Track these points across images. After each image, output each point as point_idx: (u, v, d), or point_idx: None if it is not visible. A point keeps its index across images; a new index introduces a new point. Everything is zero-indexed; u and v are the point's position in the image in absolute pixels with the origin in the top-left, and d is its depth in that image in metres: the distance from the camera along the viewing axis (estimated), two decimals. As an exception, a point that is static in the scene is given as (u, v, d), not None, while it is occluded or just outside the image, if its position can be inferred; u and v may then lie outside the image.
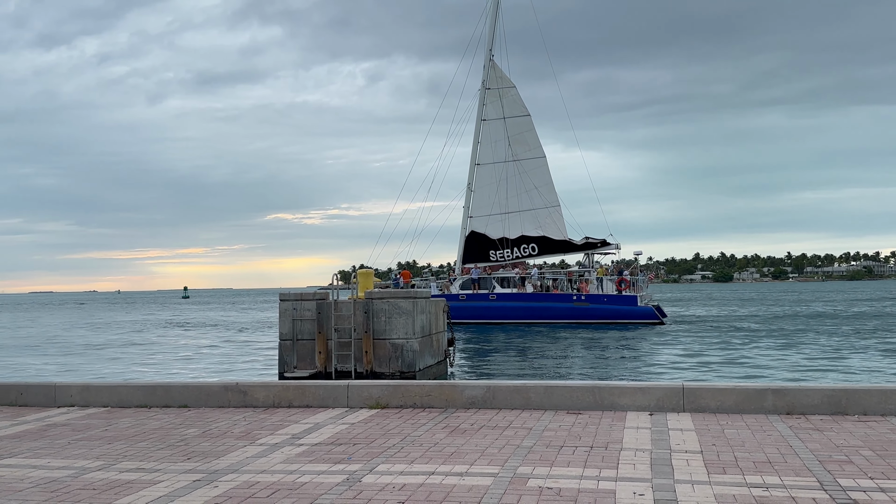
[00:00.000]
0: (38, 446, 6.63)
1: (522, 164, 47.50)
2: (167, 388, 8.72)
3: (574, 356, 28.57)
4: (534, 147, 48.23)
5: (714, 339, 33.73)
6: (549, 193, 47.57)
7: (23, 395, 8.89)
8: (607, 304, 44.09)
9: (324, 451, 6.17)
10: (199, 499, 4.90)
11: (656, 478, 5.20)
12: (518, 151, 47.62)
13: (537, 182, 47.35)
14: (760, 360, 25.80)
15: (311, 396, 8.31)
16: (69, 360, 32.01)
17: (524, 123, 48.45)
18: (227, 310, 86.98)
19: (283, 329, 20.53)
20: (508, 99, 48.55)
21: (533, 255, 47.63)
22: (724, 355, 27.24)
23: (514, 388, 7.96)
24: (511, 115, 48.33)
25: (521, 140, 47.98)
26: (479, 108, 48.90)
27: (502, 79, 48.97)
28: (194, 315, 76.54)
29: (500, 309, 42.31)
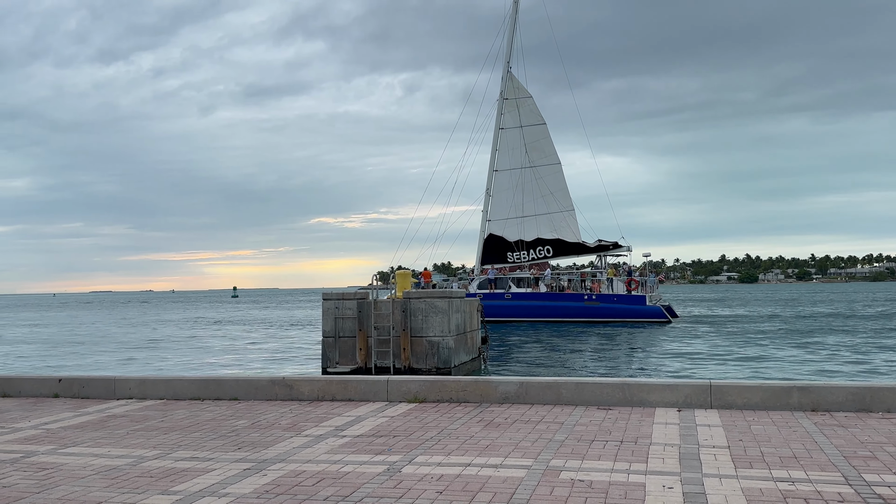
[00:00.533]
0: (99, 436, 6.73)
1: (538, 170, 47.91)
2: (219, 381, 8.80)
3: (592, 353, 28.74)
4: (549, 154, 48.58)
5: (718, 338, 33.53)
6: (563, 198, 47.96)
7: (85, 388, 9.03)
8: (617, 303, 44.34)
9: (365, 443, 6.18)
10: (250, 486, 4.93)
11: (685, 471, 5.13)
12: (534, 158, 48.04)
13: (552, 187, 47.73)
14: (759, 357, 25.72)
15: (353, 391, 8.34)
16: (129, 354, 32.54)
17: (540, 132, 48.79)
18: (273, 308, 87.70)
19: (325, 327, 20.66)
20: (525, 108, 48.97)
21: (548, 257, 47.87)
22: (725, 353, 27.34)
23: (546, 384, 7.91)
24: (528, 124, 48.69)
25: (537, 147, 48.35)
26: (497, 117, 49.26)
27: (519, 89, 49.34)
28: (243, 313, 77.36)
29: (515, 308, 42.41)
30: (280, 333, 43.52)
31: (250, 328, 49.67)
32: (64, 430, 7.05)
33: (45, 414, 7.91)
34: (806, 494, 4.60)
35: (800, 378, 19.76)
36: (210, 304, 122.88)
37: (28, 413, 8.00)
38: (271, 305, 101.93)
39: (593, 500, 4.48)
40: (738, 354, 26.96)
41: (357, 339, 20.23)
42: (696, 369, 22.99)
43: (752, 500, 4.49)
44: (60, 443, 6.45)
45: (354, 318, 20.33)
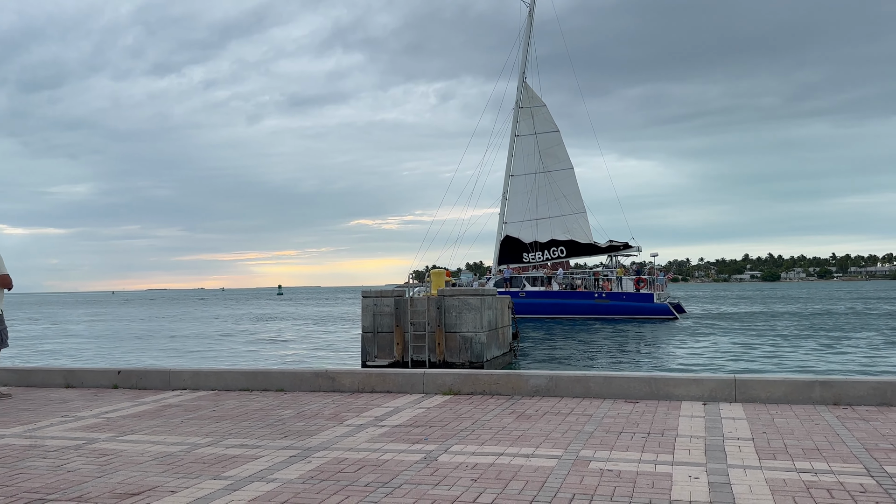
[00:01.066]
0: (155, 424, 6.83)
1: (552, 174, 48.22)
2: (266, 374, 8.88)
3: (606, 348, 28.99)
4: (562, 159, 48.83)
5: (723, 334, 33.70)
6: (576, 201, 48.27)
7: (142, 380, 9.17)
8: (625, 301, 44.81)
9: (403, 432, 6.20)
10: (296, 472, 4.98)
11: (710, 462, 5.08)
12: (548, 163, 48.33)
13: (566, 191, 48.03)
14: (748, 353, 25.92)
15: (391, 383, 8.37)
16: (183, 347, 33.04)
17: (554, 138, 49.07)
18: (315, 305, 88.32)
19: (365, 322, 20.79)
20: (539, 117, 49.28)
21: (561, 257, 48.26)
22: (724, 347, 27.69)
23: (576, 377, 7.86)
24: (542, 132, 49.03)
25: (551, 153, 48.63)
26: (513, 125, 50.25)
27: (533, 98, 49.70)
28: (288, 309, 78.06)
29: (529, 305, 42.48)
30: (321, 329, 43.85)
31: (294, 323, 50.09)
32: (123, 418, 7.17)
33: (106, 404, 8.05)
34: (828, 485, 4.52)
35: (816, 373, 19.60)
36: (257, 301, 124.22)
37: (90, 403, 8.15)
38: (313, 302, 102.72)
39: (622, 489, 4.45)
40: (736, 349, 27.14)
41: (394, 335, 20.32)
42: (696, 362, 23.30)
43: (776, 490, 4.42)
44: (119, 430, 6.56)
45: (392, 315, 20.42)
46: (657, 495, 4.33)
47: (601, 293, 44.35)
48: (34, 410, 7.71)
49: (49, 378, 9.52)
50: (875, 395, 7.13)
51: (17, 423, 7.04)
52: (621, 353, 27.24)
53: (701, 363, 23.51)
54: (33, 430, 6.65)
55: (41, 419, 7.20)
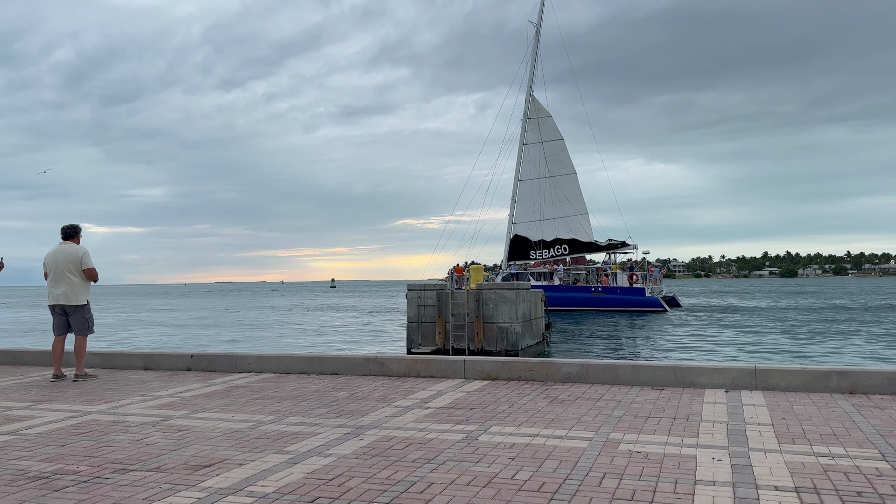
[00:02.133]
0: (224, 403, 6.94)
1: (557, 179, 48.92)
2: (322, 358, 8.96)
3: (602, 337, 29.31)
4: (566, 165, 49.38)
5: (706, 326, 34.25)
6: (578, 203, 48.87)
7: (212, 363, 9.33)
8: (619, 294, 46.03)
9: (446, 414, 6.20)
10: (349, 448, 5.01)
11: (732, 446, 4.97)
12: (553, 169, 48.96)
13: (569, 194, 48.66)
14: (723, 344, 25.93)
15: (434, 368, 8.38)
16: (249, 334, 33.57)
17: (558, 146, 49.61)
18: (364, 297, 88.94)
19: (410, 313, 20.86)
20: (545, 126, 49.88)
21: (564, 255, 49.00)
22: (698, 337, 28.12)
23: (605, 366, 7.78)
24: (547, 140, 49.60)
25: (556, 160, 49.20)
26: (521, 134, 50.46)
27: (540, 109, 50.33)
28: (340, 301, 78.77)
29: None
30: (370, 318, 44.14)
31: (346, 313, 50.50)
32: (195, 398, 7.30)
33: (180, 384, 8.21)
34: (845, 468, 4.40)
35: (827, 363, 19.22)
36: (313, 293, 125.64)
37: (166, 383, 8.31)
38: (363, 295, 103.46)
39: (649, 470, 4.38)
40: (714, 341, 27.39)
41: (437, 324, 20.35)
42: (674, 352, 23.58)
43: (795, 472, 4.32)
44: (192, 409, 6.67)
45: (434, 307, 20.46)
46: (683, 475, 4.26)
47: (598, 287, 45.20)
48: (117, 390, 7.90)
49: (130, 361, 9.74)
50: (889, 384, 6.91)
51: (102, 401, 7.22)
52: (614, 340, 27.92)
53: (674, 348, 24.39)
54: (116, 408, 6.81)
55: (123, 398, 7.37)
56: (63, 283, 8.77)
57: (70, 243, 8.94)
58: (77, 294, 8.80)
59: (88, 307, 8.97)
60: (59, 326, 8.91)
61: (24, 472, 4.51)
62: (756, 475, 4.26)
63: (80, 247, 8.93)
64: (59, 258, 8.79)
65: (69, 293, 8.77)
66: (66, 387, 8.20)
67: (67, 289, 8.76)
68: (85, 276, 8.86)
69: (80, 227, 9.15)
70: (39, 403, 7.11)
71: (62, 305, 8.80)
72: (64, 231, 9.04)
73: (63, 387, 8.21)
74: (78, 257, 8.80)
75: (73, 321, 8.85)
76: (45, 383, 8.50)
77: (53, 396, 7.54)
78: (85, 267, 8.83)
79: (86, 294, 8.93)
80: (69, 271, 8.76)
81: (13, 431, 5.78)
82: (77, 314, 8.83)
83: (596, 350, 24.82)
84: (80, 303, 8.84)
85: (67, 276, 8.76)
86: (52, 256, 8.85)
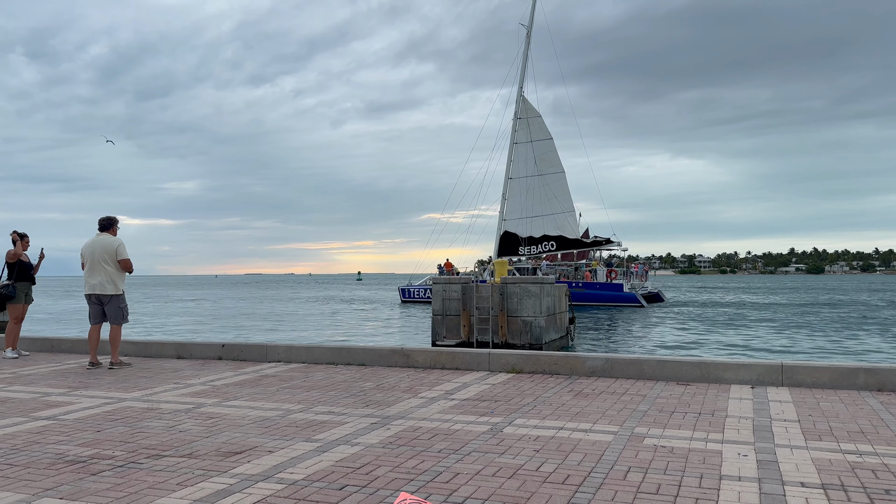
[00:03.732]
0: (254, 392, 7.01)
1: (546, 177, 49.96)
2: (350, 350, 9.01)
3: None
4: (555, 164, 50.45)
5: (669, 320, 36.22)
6: (566, 201, 49.95)
7: (243, 353, 9.43)
8: (599, 290, 47.79)
9: (471, 406, 6.20)
10: (376, 438, 5.04)
11: (758, 441, 4.91)
12: (542, 168, 49.99)
13: (557, 192, 49.70)
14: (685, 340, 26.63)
15: (459, 361, 8.39)
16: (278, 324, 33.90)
17: (547, 145, 50.63)
18: (390, 290, 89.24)
19: (435, 306, 20.89)
20: (535, 126, 50.81)
21: (552, 251, 50.20)
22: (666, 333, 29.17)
23: (630, 360, 7.72)
24: (537, 139, 50.54)
25: (545, 159, 50.23)
26: (512, 133, 51.23)
27: (530, 110, 51.32)
28: (366, 293, 79.14)
29: None
30: (396, 310, 44.29)
31: (372, 305, 50.74)
32: (226, 386, 7.39)
33: (211, 373, 8.31)
34: (873, 466, 4.31)
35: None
36: (339, 285, 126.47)
37: (198, 372, 8.42)
38: (389, 287, 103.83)
39: (675, 464, 4.34)
40: (664, 333, 29.17)
41: (461, 317, 20.36)
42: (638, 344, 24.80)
43: (822, 469, 4.25)
44: (223, 397, 6.76)
45: (459, 300, 20.47)
46: (708, 470, 4.21)
47: (579, 283, 46.30)
48: (150, 378, 8.03)
49: (163, 350, 9.90)
50: (920, 383, 6.76)
51: (137, 388, 7.34)
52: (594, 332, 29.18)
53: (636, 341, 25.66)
54: (150, 395, 6.92)
55: (156, 385, 7.49)
56: (99, 274, 8.92)
57: (106, 234, 9.09)
58: (112, 284, 8.96)
59: (123, 297, 9.13)
60: (94, 315, 9.07)
61: (62, 456, 4.61)
62: (782, 471, 4.20)
63: (115, 238, 9.08)
64: (96, 249, 8.95)
65: (105, 283, 8.92)
66: (101, 374, 8.36)
67: (103, 279, 8.92)
68: (119, 267, 9.01)
69: (117, 219, 9.30)
70: (76, 390, 7.26)
71: (98, 295, 8.96)
72: (100, 222, 9.20)
73: (99, 374, 8.36)
74: (113, 248, 8.95)
75: (108, 310, 9.00)
76: (81, 370, 8.67)
77: (90, 383, 7.69)
78: (119, 258, 8.98)
79: (121, 284, 9.07)
80: (105, 262, 8.91)
81: (52, 416, 5.91)
82: (112, 304, 8.98)
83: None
84: (115, 293, 8.99)
85: (103, 267, 8.91)
86: (88, 247, 9.01)
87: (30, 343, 10.73)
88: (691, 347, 24.04)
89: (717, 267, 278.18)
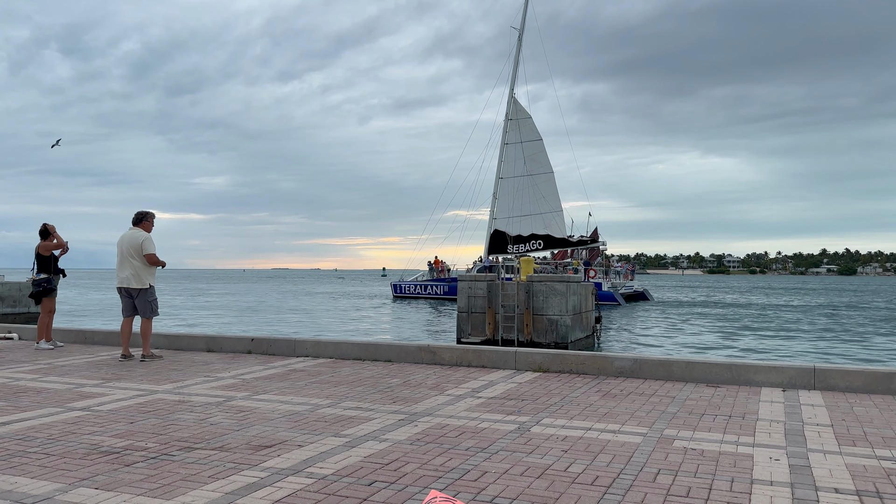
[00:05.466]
0: (283, 386, 7.08)
1: (535, 178, 51.13)
2: (377, 346, 9.06)
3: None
4: (544, 164, 51.61)
5: (642, 320, 37.10)
6: (554, 201, 51.06)
7: (272, 347, 9.52)
8: None
9: (498, 404, 6.20)
10: (404, 434, 5.06)
11: (790, 446, 4.84)
12: (532, 168, 51.14)
13: (545, 192, 50.85)
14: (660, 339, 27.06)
15: (486, 359, 8.39)
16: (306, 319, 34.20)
17: (537, 146, 51.67)
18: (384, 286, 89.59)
19: (460, 303, 20.89)
20: (525, 127, 51.89)
21: (539, 249, 51.48)
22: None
23: (659, 361, 7.65)
24: (527, 140, 51.58)
25: (534, 159, 51.34)
26: (503, 134, 52.14)
27: (521, 111, 52.38)
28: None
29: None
30: (420, 307, 44.39)
31: (399, 303, 50.93)
32: (256, 380, 7.47)
33: (241, 367, 8.41)
34: (911, 475, 4.23)
35: None
36: (364, 281, 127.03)
37: (228, 365, 8.53)
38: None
39: (705, 467, 4.30)
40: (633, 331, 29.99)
41: (486, 315, 20.34)
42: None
43: (857, 475, 4.18)
44: (253, 390, 6.83)
45: (485, 297, 20.45)
46: (739, 474, 4.17)
47: None
48: (181, 370, 8.15)
49: (193, 343, 10.04)
50: (958, 389, 6.61)
51: (168, 381, 7.46)
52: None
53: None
54: (181, 388, 7.03)
55: (187, 378, 7.60)
56: (127, 267, 9.08)
57: (137, 229, 9.23)
58: (140, 278, 9.09)
59: (152, 291, 9.22)
60: (126, 308, 9.23)
61: (97, 447, 4.71)
62: (815, 476, 4.14)
63: (143, 232, 9.18)
64: (124, 243, 9.11)
65: (132, 277, 9.07)
66: (133, 366, 8.50)
67: (131, 272, 9.07)
68: (146, 262, 9.11)
69: (152, 213, 9.42)
70: (109, 381, 7.40)
71: (127, 288, 9.11)
72: (134, 217, 9.34)
73: (130, 366, 8.51)
74: (139, 243, 9.07)
75: (137, 304, 9.15)
76: (114, 362, 8.83)
77: (122, 375, 7.83)
78: (144, 252, 9.09)
79: (149, 278, 9.18)
80: (132, 256, 9.07)
81: (86, 407, 6.03)
82: (141, 297, 9.11)
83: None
84: (143, 286, 9.11)
85: (130, 261, 9.07)
86: (120, 241, 9.18)
87: (64, 334, 10.96)
88: (649, 344, 24.99)
89: (747, 267, 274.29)
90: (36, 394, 6.65)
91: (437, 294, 53.69)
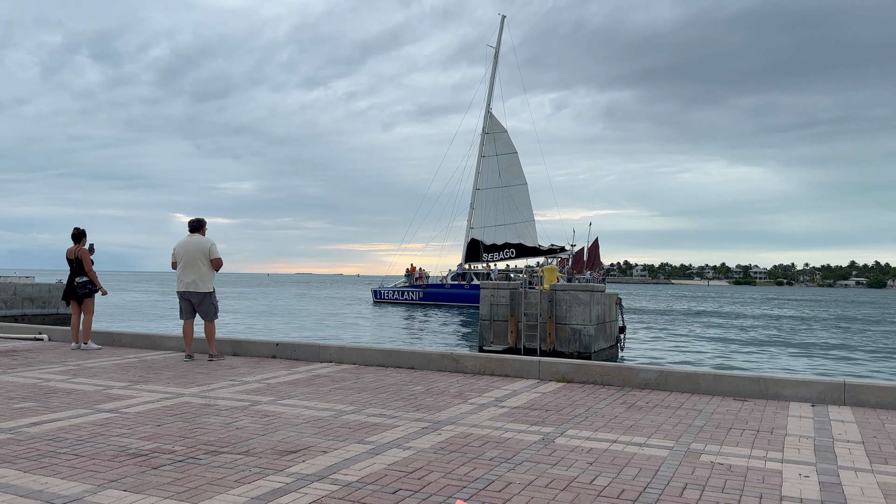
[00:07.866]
0: (308, 391, 7.12)
1: (509, 189, 52.61)
2: (400, 353, 9.07)
3: None
4: (518, 176, 53.06)
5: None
6: (526, 211, 52.52)
7: (296, 352, 9.60)
8: None
9: (521, 414, 6.18)
10: (428, 442, 5.06)
11: (820, 462, 4.75)
12: (507, 179, 52.62)
13: (518, 203, 52.35)
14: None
15: (509, 367, 8.36)
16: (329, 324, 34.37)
17: (512, 159, 53.08)
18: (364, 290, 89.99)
19: (483, 311, 20.86)
20: (501, 141, 53.33)
21: (512, 258, 52.75)
22: None
23: (685, 373, 7.56)
24: (502, 153, 52.99)
25: (509, 171, 52.77)
26: (479, 147, 53.65)
27: (496, 125, 53.81)
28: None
29: (470, 294, 48.23)
30: (442, 314, 44.38)
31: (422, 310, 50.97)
32: (280, 385, 7.52)
33: (266, 371, 8.48)
34: (946, 495, 4.13)
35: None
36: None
37: (253, 370, 8.60)
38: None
39: (732, 482, 4.24)
40: None
41: (509, 323, 20.28)
42: None
43: (889, 494, 4.09)
44: (278, 395, 6.88)
45: (507, 305, 20.40)
46: (768, 490, 4.10)
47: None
48: (208, 374, 8.24)
49: (219, 347, 10.13)
50: None
51: (194, 384, 7.54)
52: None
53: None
54: (207, 391, 7.10)
55: (213, 382, 7.68)
56: (193, 272, 9.41)
57: (197, 235, 9.62)
58: (205, 282, 9.47)
59: (214, 294, 9.66)
60: (186, 311, 9.60)
61: (125, 449, 4.77)
62: (846, 494, 4.06)
63: (208, 238, 9.63)
64: (190, 248, 9.42)
65: (198, 281, 9.43)
66: (160, 369, 8.62)
67: (197, 277, 9.43)
68: (212, 266, 9.48)
69: (205, 220, 9.80)
70: (136, 384, 7.50)
71: (190, 292, 9.43)
72: (190, 224, 9.68)
73: (158, 369, 8.63)
74: (207, 248, 9.46)
75: (200, 308, 9.51)
76: (141, 364, 8.96)
77: (149, 378, 7.93)
78: (213, 257, 9.48)
79: (212, 282, 9.57)
80: (199, 261, 9.42)
81: (114, 409, 6.12)
82: (205, 301, 9.49)
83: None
84: (208, 290, 9.50)
85: (198, 265, 9.42)
86: (182, 247, 9.48)
87: (91, 336, 11.13)
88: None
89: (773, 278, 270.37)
90: (66, 395, 6.76)
91: (412, 300, 54.15)
